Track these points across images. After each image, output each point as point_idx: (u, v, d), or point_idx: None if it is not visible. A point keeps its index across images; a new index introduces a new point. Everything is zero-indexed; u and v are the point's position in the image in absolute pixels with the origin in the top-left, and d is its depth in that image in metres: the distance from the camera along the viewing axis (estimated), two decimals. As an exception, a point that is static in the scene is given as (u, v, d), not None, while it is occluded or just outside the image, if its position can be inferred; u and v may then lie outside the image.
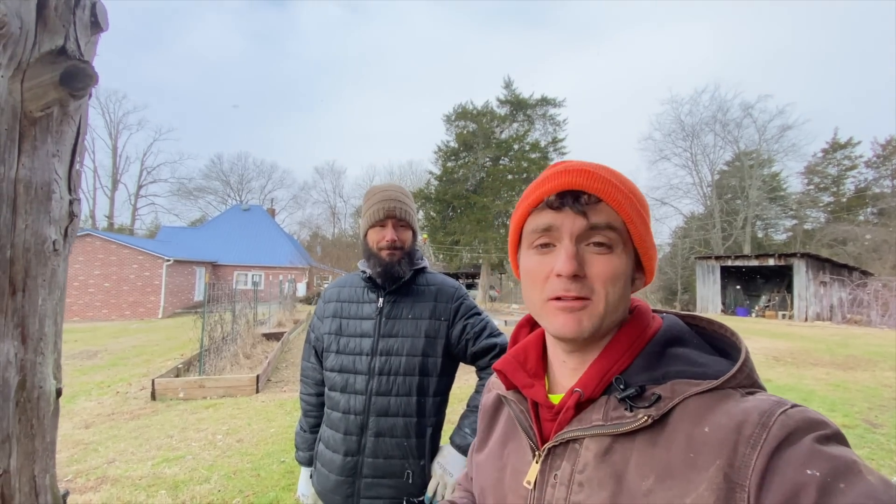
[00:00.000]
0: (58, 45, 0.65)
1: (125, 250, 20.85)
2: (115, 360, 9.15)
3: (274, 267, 28.46)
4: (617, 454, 0.52)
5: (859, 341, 12.04)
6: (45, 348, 0.65)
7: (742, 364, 0.51)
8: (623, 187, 0.56)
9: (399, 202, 1.44)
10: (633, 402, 0.52)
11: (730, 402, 0.48)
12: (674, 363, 0.54)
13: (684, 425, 0.49)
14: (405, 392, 1.37)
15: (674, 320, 0.61)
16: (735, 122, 36.13)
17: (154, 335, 13.29)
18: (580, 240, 0.56)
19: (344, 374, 1.40)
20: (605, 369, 0.56)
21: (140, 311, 20.61)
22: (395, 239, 1.41)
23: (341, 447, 1.36)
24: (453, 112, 32.40)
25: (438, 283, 1.50)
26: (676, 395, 0.50)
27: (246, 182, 51.87)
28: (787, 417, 0.44)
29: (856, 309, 19.36)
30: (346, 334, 1.44)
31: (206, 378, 6.27)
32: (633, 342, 0.58)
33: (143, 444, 4.39)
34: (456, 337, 1.43)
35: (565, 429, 0.56)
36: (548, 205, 0.57)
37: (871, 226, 31.43)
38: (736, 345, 0.56)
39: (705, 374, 0.51)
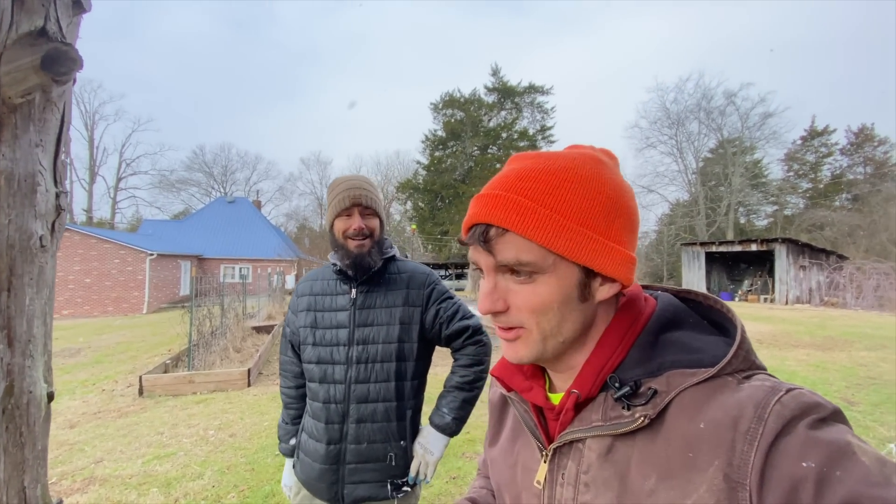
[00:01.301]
0: (37, 25, 0.60)
1: (106, 245, 20.34)
2: (100, 357, 8.97)
3: (261, 259, 28.10)
4: (619, 453, 0.51)
5: (836, 323, 12.40)
6: (35, 351, 0.62)
7: (738, 347, 0.49)
8: (536, 204, 0.50)
9: (364, 190, 1.44)
10: (630, 401, 0.51)
11: (725, 392, 0.46)
12: (668, 351, 0.52)
13: (681, 421, 0.47)
14: (383, 378, 1.41)
15: (668, 300, 0.58)
16: (719, 109, 36.56)
17: (139, 331, 13.06)
18: (501, 271, 0.53)
19: (322, 365, 1.43)
20: (599, 367, 0.54)
21: (123, 306, 20.21)
22: (363, 226, 1.41)
23: (324, 436, 1.39)
24: (440, 100, 32.22)
25: (410, 271, 1.52)
26: (672, 388, 0.49)
27: (230, 174, 50.94)
28: (782, 406, 0.43)
29: (832, 292, 19.90)
30: (321, 326, 1.47)
31: (196, 373, 6.19)
32: (624, 333, 0.55)
33: (132, 441, 4.32)
34: (430, 321, 1.47)
35: (567, 429, 0.55)
36: (461, 242, 0.57)
37: (846, 211, 32.24)
38: (732, 321, 0.53)
39: (701, 362, 0.49)
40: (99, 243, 20.22)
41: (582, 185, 0.51)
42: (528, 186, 0.51)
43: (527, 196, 0.50)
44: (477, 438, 4.19)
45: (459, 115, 31.43)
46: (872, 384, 5.94)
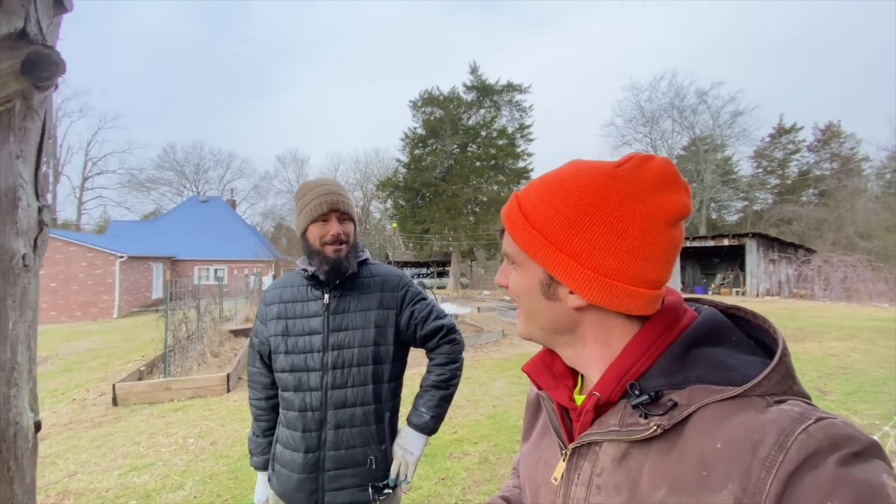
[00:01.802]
0: (17, 27, 0.55)
1: (72, 247, 19.55)
2: (69, 364, 8.62)
3: (238, 260, 27.48)
4: (633, 460, 0.51)
5: (806, 314, 12.90)
6: (20, 378, 0.57)
7: (772, 369, 0.47)
8: (520, 211, 0.60)
9: (340, 195, 1.42)
10: (648, 409, 0.51)
11: (749, 412, 0.45)
12: (696, 366, 0.51)
13: (698, 437, 0.47)
14: (360, 382, 1.40)
15: (710, 314, 0.57)
16: (691, 108, 37.52)
17: (110, 336, 12.61)
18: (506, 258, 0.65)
19: (296, 374, 1.41)
20: (622, 372, 0.55)
21: (93, 311, 19.47)
22: (341, 233, 1.40)
23: (301, 445, 1.37)
24: (419, 98, 32.03)
25: (382, 274, 1.52)
26: (693, 402, 0.48)
27: (203, 172, 49.48)
28: (808, 436, 0.40)
29: (801, 284, 20.69)
30: (293, 334, 1.44)
31: (173, 380, 6.01)
32: (653, 342, 0.55)
33: (108, 453, 4.16)
34: (405, 323, 1.47)
35: (586, 431, 0.57)
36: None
37: (813, 206, 33.56)
38: (777, 342, 0.52)
39: (729, 379, 0.48)
40: (65, 246, 19.42)
41: (557, 197, 0.56)
42: (528, 192, 0.61)
43: (521, 200, 0.60)
44: (464, 438, 4.19)
45: (439, 113, 31.33)
46: (844, 374, 6.19)
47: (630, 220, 0.52)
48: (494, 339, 9.67)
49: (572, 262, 0.54)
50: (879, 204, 28.46)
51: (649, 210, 0.52)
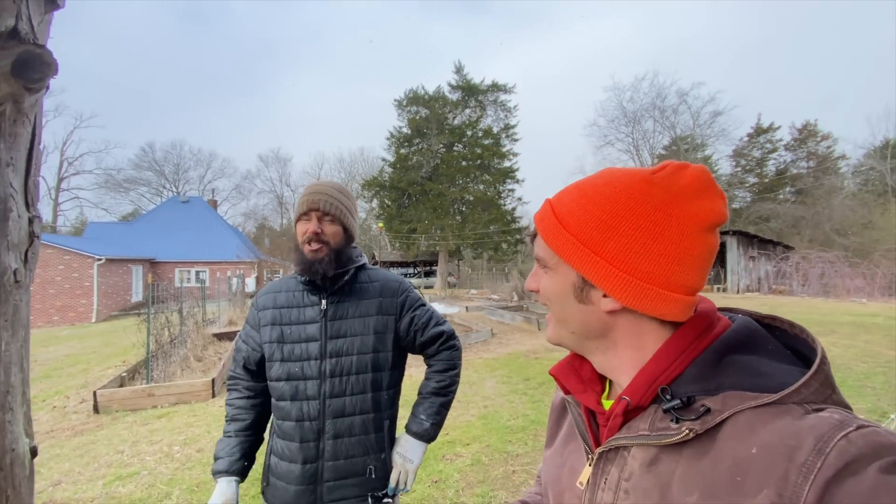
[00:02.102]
0: (8, 25, 0.51)
1: (48, 250, 18.96)
2: (48, 371, 8.35)
3: (220, 262, 27.01)
4: (663, 465, 0.51)
5: (785, 310, 13.19)
6: (13, 402, 0.53)
7: (811, 377, 0.46)
8: (554, 215, 0.60)
9: (326, 195, 1.39)
10: (679, 414, 0.50)
11: (785, 419, 0.44)
12: (730, 373, 0.50)
13: (732, 443, 0.46)
14: (360, 390, 1.37)
15: (745, 322, 0.56)
16: (672, 108, 38.10)
17: (89, 341, 12.26)
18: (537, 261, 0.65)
19: (292, 382, 1.37)
20: (653, 377, 0.54)
21: (70, 315, 18.93)
22: (317, 231, 1.36)
23: (298, 456, 1.33)
24: (405, 97, 31.92)
25: (381, 279, 1.50)
26: (727, 408, 0.47)
27: (183, 172, 48.51)
28: (848, 443, 0.39)
29: (780, 280, 21.20)
30: (289, 341, 1.40)
31: (156, 385, 5.86)
32: (685, 348, 0.54)
33: (91, 462, 4.04)
34: (404, 330, 1.45)
35: (615, 435, 0.56)
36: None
37: (790, 204, 34.42)
38: (816, 352, 0.50)
39: (765, 387, 0.47)
40: (40, 248, 18.80)
41: (591, 202, 0.56)
42: (561, 197, 0.61)
43: (554, 205, 0.61)
44: (456, 440, 4.18)
45: (424, 113, 31.24)
46: (822, 368, 6.34)
47: (667, 224, 0.52)
48: (483, 339, 9.68)
49: (607, 265, 0.54)
50: (856, 201, 29.35)
51: (686, 215, 0.52)
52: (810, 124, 36.31)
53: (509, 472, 3.52)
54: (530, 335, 10.12)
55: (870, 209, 26.78)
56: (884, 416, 4.35)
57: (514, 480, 3.39)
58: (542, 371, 6.77)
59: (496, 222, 30.10)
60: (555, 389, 0.81)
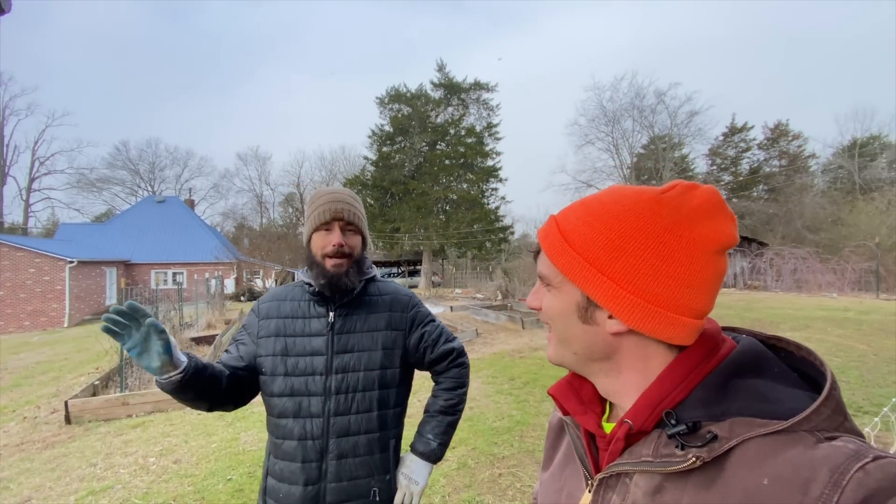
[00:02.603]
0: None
1: (19, 253, 18.23)
2: (18, 379, 8.02)
3: (197, 263, 26.40)
4: (668, 494, 0.48)
5: (761, 305, 13.55)
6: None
7: (821, 403, 0.44)
8: (559, 232, 0.58)
9: (348, 204, 1.34)
10: (685, 440, 0.47)
11: (797, 448, 0.42)
12: (738, 398, 0.48)
13: (742, 472, 0.44)
14: (366, 409, 1.31)
15: (750, 344, 0.54)
16: (650, 108, 38.60)
17: (61, 347, 11.83)
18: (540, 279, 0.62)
19: (296, 398, 1.30)
20: (657, 400, 0.52)
21: (42, 320, 18.24)
22: (342, 243, 1.31)
23: (300, 477, 1.26)
24: (386, 94, 31.65)
25: (391, 293, 1.45)
26: (735, 435, 0.45)
27: (158, 171, 47.24)
28: (866, 475, 0.38)
29: (755, 276, 21.74)
30: (293, 354, 1.32)
31: (130, 394, 5.67)
32: (690, 371, 0.52)
33: (63, 476, 3.87)
34: (413, 346, 1.40)
35: (616, 461, 0.54)
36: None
37: (764, 201, 35.37)
38: (824, 375, 0.49)
39: (774, 413, 0.45)
40: (11, 251, 18.11)
41: (599, 220, 0.54)
42: (567, 215, 0.59)
43: (560, 222, 0.59)
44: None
45: (406, 111, 31.02)
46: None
47: (676, 245, 0.51)
48: (468, 339, 9.66)
49: (613, 286, 0.52)
50: (826, 199, 30.29)
51: (696, 237, 0.51)
52: (782, 124, 37.35)
53: (496, 476, 3.51)
54: (515, 334, 10.15)
55: (839, 206, 27.69)
56: (859, 411, 4.48)
57: (500, 484, 3.38)
58: (526, 371, 6.79)
59: (480, 221, 30.14)
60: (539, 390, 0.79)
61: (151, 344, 1.06)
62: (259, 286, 24.32)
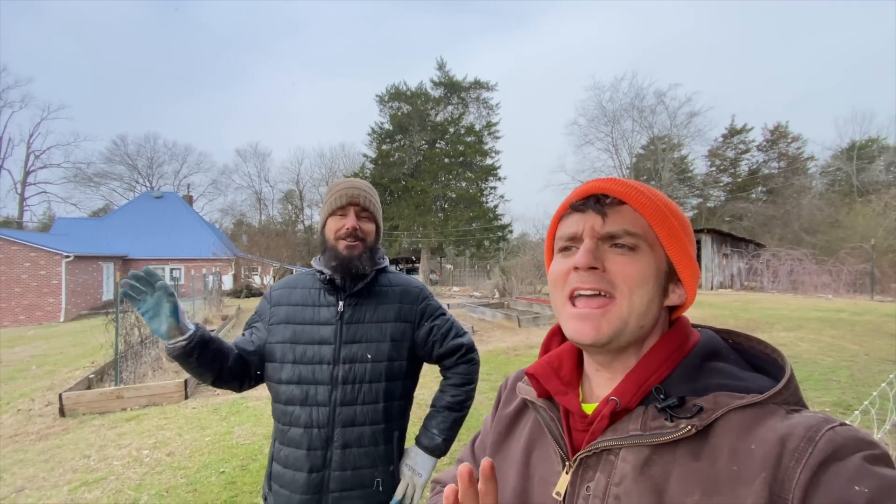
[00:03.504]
0: None
1: (14, 246, 18.19)
2: (12, 372, 8.01)
3: (195, 259, 26.36)
4: (657, 466, 0.50)
5: (756, 306, 13.59)
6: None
7: (788, 381, 0.50)
8: (653, 197, 0.57)
9: (364, 191, 1.37)
10: (674, 413, 0.50)
11: (774, 417, 0.47)
12: (715, 376, 0.53)
13: (728, 438, 0.47)
14: (372, 400, 1.31)
15: (710, 335, 0.60)
16: (650, 108, 38.69)
17: (56, 342, 11.82)
18: (603, 240, 0.56)
19: (303, 386, 1.31)
20: (643, 378, 0.55)
21: (37, 314, 18.21)
22: (357, 227, 1.33)
23: (305, 464, 1.28)
24: (386, 92, 31.63)
25: (403, 284, 1.45)
26: (719, 407, 0.49)
27: (157, 166, 46.93)
28: (835, 434, 0.43)
29: (752, 277, 21.82)
30: (302, 342, 1.33)
31: (125, 387, 5.67)
32: (672, 352, 0.56)
33: (56, 467, 3.88)
34: (422, 339, 1.40)
35: (599, 438, 0.54)
36: (573, 208, 0.59)
37: (762, 203, 35.45)
38: (778, 362, 0.55)
39: (748, 389, 0.50)
40: (5, 245, 18.07)
41: (678, 206, 0.60)
42: (640, 186, 0.58)
43: (642, 186, 0.58)
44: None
45: (406, 109, 31.03)
46: (794, 363, 6.47)
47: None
48: (464, 336, 9.67)
49: (693, 259, 0.58)
50: (823, 201, 30.36)
51: None
52: (781, 126, 37.43)
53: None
54: (511, 332, 10.17)
55: (836, 209, 27.76)
56: (848, 409, 4.51)
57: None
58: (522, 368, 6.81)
59: (478, 220, 30.17)
60: None
61: (162, 307, 1.12)
62: (257, 283, 24.29)
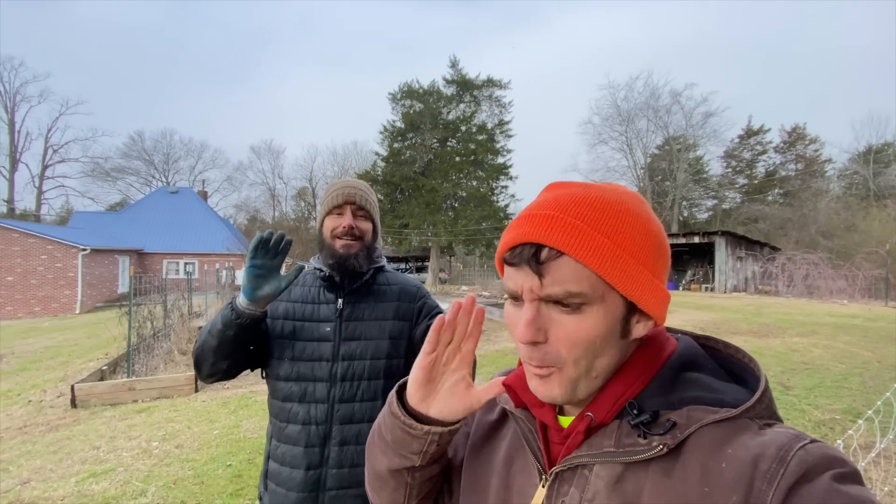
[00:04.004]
0: None
1: (31, 239, 18.58)
2: (25, 363, 8.20)
3: (209, 254, 26.68)
4: (629, 483, 0.49)
5: (770, 310, 13.37)
6: None
7: (762, 394, 0.49)
8: (595, 231, 0.48)
9: (361, 191, 1.39)
10: (647, 429, 0.49)
11: (746, 434, 0.46)
12: (689, 388, 0.51)
13: (699, 456, 0.46)
14: (370, 397, 1.32)
15: (688, 342, 0.58)
16: (665, 108, 38.28)
17: (71, 333, 12.06)
18: (545, 299, 0.49)
19: (302, 383, 1.32)
20: (618, 394, 0.53)
21: (53, 306, 18.58)
22: (353, 226, 1.34)
23: (302, 461, 1.28)
24: (399, 91, 31.62)
25: (401, 283, 1.46)
26: (693, 422, 0.48)
27: (173, 162, 47.63)
28: (806, 453, 0.42)
29: (766, 281, 21.48)
30: (301, 339, 1.34)
31: (137, 380, 5.77)
32: (646, 366, 0.54)
33: (64, 458, 3.96)
34: (419, 337, 1.40)
35: (573, 453, 0.53)
36: (506, 262, 0.53)
37: (778, 205, 34.83)
38: (754, 372, 0.53)
39: (722, 402, 0.48)
40: (22, 237, 18.46)
41: (636, 219, 0.50)
42: (585, 212, 0.49)
43: (584, 221, 0.48)
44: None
45: (418, 107, 30.98)
46: (806, 369, 6.41)
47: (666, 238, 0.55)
48: (471, 336, 9.66)
49: (659, 286, 0.52)
50: (840, 204, 29.78)
51: None
52: (799, 127, 36.76)
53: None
54: (518, 332, 10.12)
55: (853, 212, 27.20)
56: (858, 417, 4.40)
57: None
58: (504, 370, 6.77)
59: (489, 219, 30.06)
60: None
61: (275, 276, 1.20)
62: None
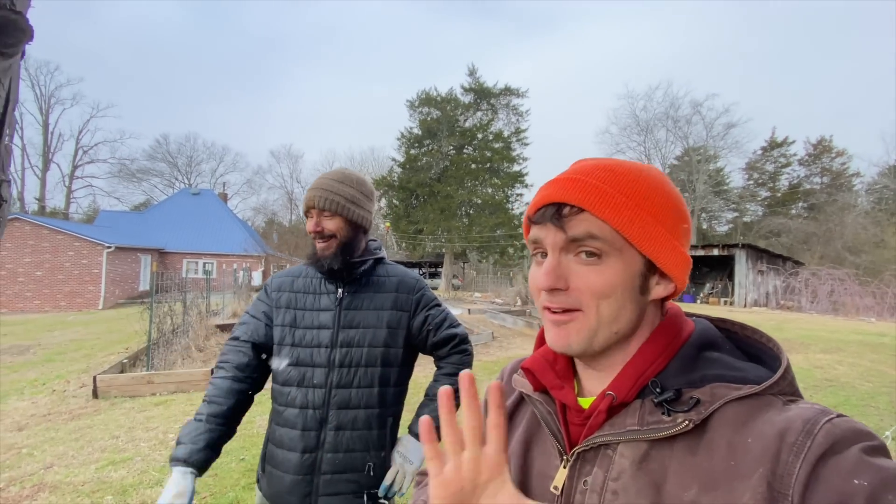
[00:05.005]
0: (-22, -14, 0.51)
1: (59, 236, 19.22)
2: (51, 355, 8.46)
3: (227, 254, 27.20)
4: (655, 461, 0.49)
5: (792, 325, 13.02)
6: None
7: (784, 371, 0.49)
8: (616, 193, 0.52)
9: (323, 190, 1.36)
10: (671, 406, 0.49)
11: (771, 410, 0.46)
12: (711, 367, 0.52)
13: (725, 432, 0.47)
14: (367, 384, 1.36)
15: (706, 324, 0.58)
16: (685, 118, 37.84)
17: (94, 328, 12.40)
18: (566, 251, 0.53)
19: (301, 368, 1.36)
20: (639, 372, 0.54)
21: (78, 301, 19.14)
22: (317, 230, 1.38)
23: (298, 444, 1.31)
24: (417, 98, 31.94)
25: (399, 274, 1.50)
26: (716, 399, 0.48)
27: (195, 164, 48.90)
28: (833, 426, 0.42)
29: (788, 296, 20.93)
30: (301, 326, 1.40)
31: (155, 373, 5.91)
32: (667, 344, 0.55)
33: (85, 446, 4.07)
34: (417, 328, 1.44)
35: (596, 433, 0.53)
36: (531, 222, 0.57)
37: (802, 219, 33.98)
38: (772, 351, 0.54)
39: (745, 379, 0.49)
40: (51, 234, 19.10)
41: (656, 184, 0.54)
42: (606, 175, 0.53)
43: (605, 182, 0.52)
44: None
45: (436, 114, 31.25)
46: (830, 386, 6.23)
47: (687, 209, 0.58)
48: (484, 342, 9.65)
49: (679, 248, 0.53)
50: (869, 219, 28.92)
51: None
52: (825, 140, 35.90)
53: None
54: (531, 340, 10.04)
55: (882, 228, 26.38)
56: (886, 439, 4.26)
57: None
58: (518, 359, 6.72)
59: (503, 226, 30.01)
60: None
61: None
62: (283, 280, 24.80)
